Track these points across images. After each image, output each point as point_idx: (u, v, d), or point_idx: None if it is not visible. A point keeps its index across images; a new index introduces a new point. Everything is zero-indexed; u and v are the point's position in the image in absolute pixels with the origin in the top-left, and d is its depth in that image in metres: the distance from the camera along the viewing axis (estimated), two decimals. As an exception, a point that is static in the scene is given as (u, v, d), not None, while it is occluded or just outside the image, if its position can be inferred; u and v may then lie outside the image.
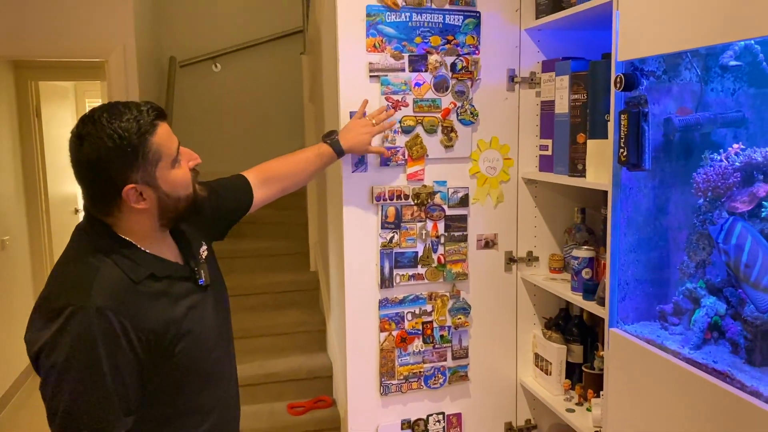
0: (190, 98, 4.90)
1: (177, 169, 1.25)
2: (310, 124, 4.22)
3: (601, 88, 1.69)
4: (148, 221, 1.25)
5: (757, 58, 1.43)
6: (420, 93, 1.93)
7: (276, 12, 4.92)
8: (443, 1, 1.92)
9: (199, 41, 4.88)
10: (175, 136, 1.26)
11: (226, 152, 5.01)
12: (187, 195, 1.27)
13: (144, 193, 1.21)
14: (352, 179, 1.90)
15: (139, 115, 1.18)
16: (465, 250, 2.00)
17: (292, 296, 3.85)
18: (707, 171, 1.35)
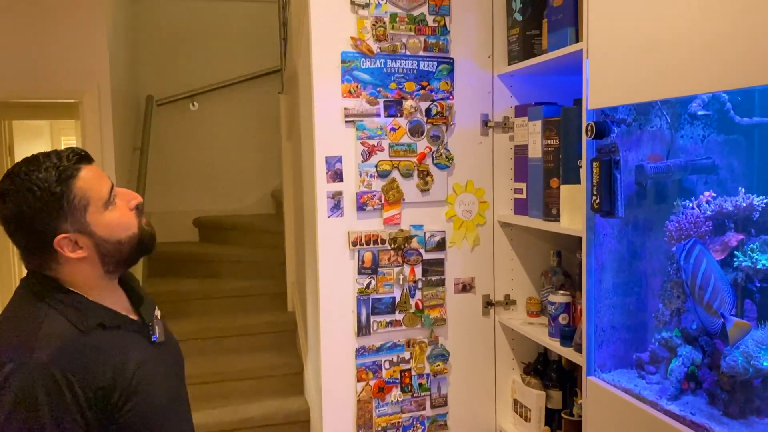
0: (167, 137, 4.87)
1: (112, 212, 1.18)
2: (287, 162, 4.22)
3: (573, 134, 1.71)
4: (91, 270, 1.19)
5: (724, 106, 1.46)
6: (395, 137, 1.93)
7: (254, 51, 4.94)
8: (417, 48, 1.94)
9: (177, 80, 4.88)
10: (106, 178, 1.20)
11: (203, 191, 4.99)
12: (129, 236, 1.20)
13: (79, 242, 1.15)
14: (327, 224, 1.88)
15: (58, 161, 1.14)
16: (443, 294, 1.98)
17: (269, 338, 3.78)
18: (679, 219, 1.36)
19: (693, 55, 1.17)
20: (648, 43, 1.29)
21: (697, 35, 1.16)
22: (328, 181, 1.88)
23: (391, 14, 1.90)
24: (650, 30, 1.29)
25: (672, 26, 1.22)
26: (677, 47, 1.21)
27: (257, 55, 4.92)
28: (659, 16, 1.26)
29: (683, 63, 1.20)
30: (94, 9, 3.49)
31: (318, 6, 1.85)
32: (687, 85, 1.21)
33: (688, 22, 1.18)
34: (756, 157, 1.51)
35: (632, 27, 1.34)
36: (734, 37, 1.07)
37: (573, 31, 1.71)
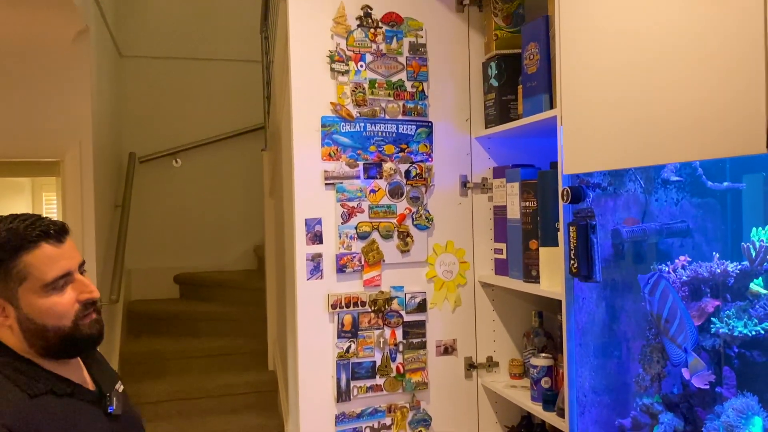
0: (149, 193, 4.87)
1: (49, 297, 1.14)
2: (270, 218, 4.22)
3: (550, 197, 1.73)
4: (19, 339, 1.15)
5: (696, 171, 1.49)
6: (375, 199, 1.95)
7: (237, 109, 5.01)
8: (396, 113, 1.97)
9: (160, 137, 4.91)
10: (65, 262, 1.16)
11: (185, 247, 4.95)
12: (57, 327, 1.15)
13: (6, 310, 1.14)
14: (307, 287, 1.87)
15: (20, 230, 1.13)
16: (424, 357, 1.96)
17: (250, 398, 3.71)
18: (656, 284, 1.37)
19: (665, 125, 1.20)
20: (621, 111, 1.33)
21: (669, 105, 1.19)
22: (308, 243, 1.88)
23: (370, 80, 1.94)
24: (623, 99, 1.32)
25: (644, 96, 1.26)
26: (650, 117, 1.24)
27: (241, 113, 4.98)
28: (631, 86, 1.29)
29: (655, 132, 1.23)
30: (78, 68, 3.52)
31: (299, 72, 1.89)
32: (659, 154, 1.24)
33: (661, 92, 1.21)
34: (729, 220, 1.54)
35: (604, 96, 1.38)
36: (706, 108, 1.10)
37: (547, 97, 1.76)
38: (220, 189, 5.02)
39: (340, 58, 1.92)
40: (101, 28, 4.08)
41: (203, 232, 4.97)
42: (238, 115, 4.98)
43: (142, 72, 4.95)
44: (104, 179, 4.08)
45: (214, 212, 5.01)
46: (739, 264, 1.30)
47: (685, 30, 1.15)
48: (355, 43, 1.93)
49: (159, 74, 4.98)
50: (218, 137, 4.96)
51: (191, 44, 4.99)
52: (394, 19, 1.97)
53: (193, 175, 4.98)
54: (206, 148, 4.97)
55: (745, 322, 1.20)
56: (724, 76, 1.06)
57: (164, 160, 4.90)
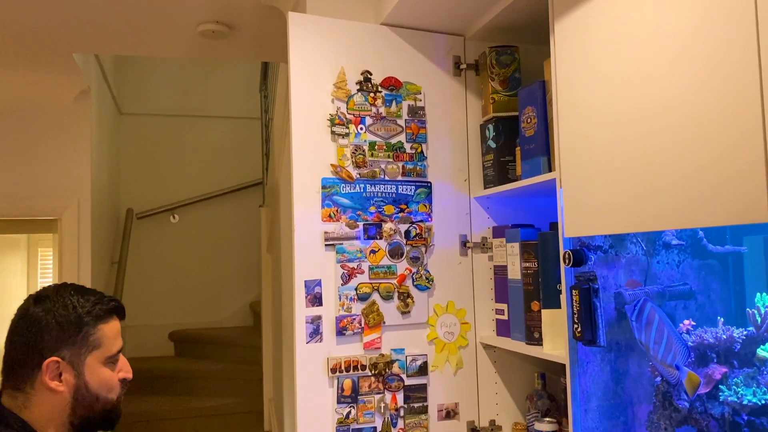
0: (146, 249, 4.86)
1: (108, 370, 1.22)
2: (267, 274, 4.20)
3: (550, 259, 1.73)
4: (59, 410, 1.18)
5: (697, 234, 1.50)
6: (375, 260, 1.94)
7: (236, 165, 5.05)
8: (396, 174, 1.99)
9: (158, 193, 4.94)
10: (122, 341, 1.26)
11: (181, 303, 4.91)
12: (107, 399, 1.22)
13: (64, 373, 1.17)
14: (306, 350, 1.84)
15: (100, 299, 1.21)
16: (426, 422, 1.92)
17: (245, 461, 3.61)
18: (661, 349, 1.35)
19: (666, 192, 1.21)
20: (621, 176, 1.34)
21: (669, 172, 1.20)
22: (307, 305, 1.87)
23: (370, 142, 1.97)
24: (623, 164, 1.33)
25: (644, 162, 1.27)
26: (650, 183, 1.25)
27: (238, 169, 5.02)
28: (631, 151, 1.30)
29: (656, 198, 1.23)
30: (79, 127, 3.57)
31: (300, 135, 1.91)
32: (660, 221, 1.24)
33: (661, 158, 1.22)
34: (731, 282, 1.54)
35: (604, 160, 1.39)
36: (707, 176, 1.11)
37: (545, 159, 1.78)
38: (217, 245, 5.02)
39: (341, 122, 1.95)
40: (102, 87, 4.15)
41: (199, 288, 4.94)
42: (235, 172, 5.02)
43: (141, 129, 5.01)
44: (101, 236, 4.08)
45: (211, 268, 4.99)
46: (745, 330, 1.29)
47: (686, 100, 1.17)
48: (355, 107, 1.97)
49: (158, 131, 5.04)
50: (216, 193, 4.99)
51: (190, 101, 5.07)
52: (393, 83, 2.01)
53: (190, 230, 4.98)
54: (204, 203, 4.99)
55: (754, 390, 1.18)
56: (725, 145, 1.08)
57: (162, 216, 4.91)
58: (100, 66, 4.02)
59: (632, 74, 1.31)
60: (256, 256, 4.59)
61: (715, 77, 1.10)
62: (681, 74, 1.18)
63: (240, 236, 4.98)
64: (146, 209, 4.85)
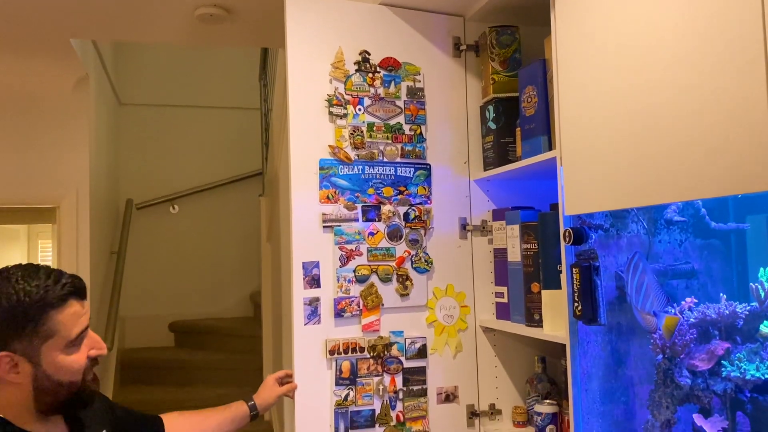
0: (145, 240, 4.84)
1: (69, 354, 1.15)
2: (267, 264, 4.19)
3: (551, 239, 1.71)
4: (21, 399, 1.13)
5: (699, 212, 1.47)
6: (374, 242, 1.92)
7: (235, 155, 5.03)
8: (394, 155, 1.97)
9: (158, 183, 4.92)
10: (85, 319, 1.18)
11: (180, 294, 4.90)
12: (71, 382, 1.16)
13: (19, 366, 1.11)
14: (304, 332, 1.83)
15: (52, 285, 1.12)
16: (425, 405, 1.90)
17: (245, 450, 3.59)
18: (663, 326, 1.33)
19: (668, 164, 1.19)
20: (622, 151, 1.32)
21: (672, 145, 1.18)
22: (305, 287, 1.85)
23: (369, 123, 1.94)
24: (623, 139, 1.31)
25: (645, 136, 1.25)
26: (652, 156, 1.23)
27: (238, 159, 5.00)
28: (632, 125, 1.29)
29: (658, 171, 1.22)
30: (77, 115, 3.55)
31: (297, 115, 1.89)
32: (662, 194, 1.22)
33: (663, 129, 1.20)
34: (734, 261, 1.52)
35: (605, 135, 1.37)
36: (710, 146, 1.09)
37: (546, 139, 1.75)
38: (217, 235, 5.00)
39: (339, 102, 1.92)
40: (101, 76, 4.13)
41: (199, 279, 4.93)
42: (235, 162, 5.00)
43: (141, 119, 4.99)
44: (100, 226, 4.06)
45: (211, 259, 4.97)
46: (748, 305, 1.27)
47: (688, 67, 1.15)
48: (353, 87, 1.94)
49: (157, 121, 5.02)
50: (216, 183, 4.97)
51: (190, 92, 5.05)
52: (392, 63, 1.99)
53: (190, 221, 4.97)
54: (204, 194, 4.97)
55: (757, 365, 1.16)
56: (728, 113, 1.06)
57: (161, 206, 4.90)
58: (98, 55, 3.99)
59: (632, 49, 1.29)
60: (255, 246, 4.57)
61: (717, 43, 1.07)
62: (682, 45, 1.15)
63: (240, 227, 4.96)
64: (146, 200, 4.83)
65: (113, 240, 4.50)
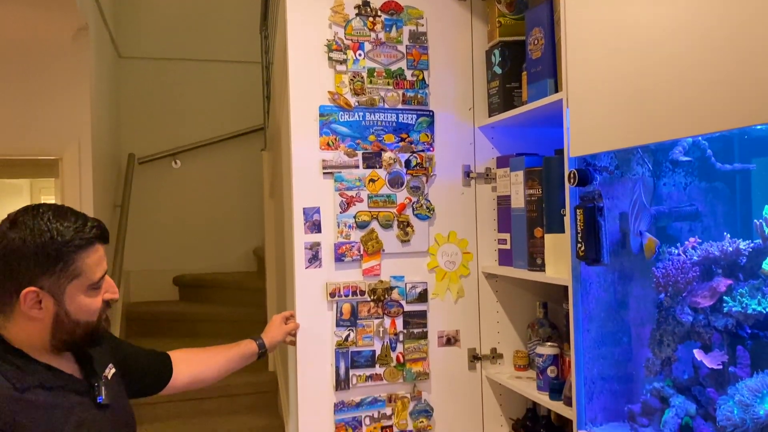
0: (148, 194, 4.84)
1: (89, 296, 1.18)
2: (270, 219, 4.19)
3: (555, 184, 1.70)
4: (39, 334, 1.16)
5: (705, 153, 1.45)
6: (374, 189, 1.91)
7: (238, 110, 4.98)
8: (396, 102, 1.94)
9: (160, 138, 4.89)
10: (105, 264, 1.21)
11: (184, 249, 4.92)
12: (87, 323, 1.19)
13: (43, 303, 1.13)
14: (305, 275, 1.84)
15: (81, 227, 1.15)
16: (425, 347, 1.92)
17: (250, 399, 3.66)
18: (666, 265, 1.33)
19: (673, 100, 1.17)
20: (628, 89, 1.30)
21: (676, 80, 1.16)
22: (306, 232, 1.85)
23: (369, 69, 1.91)
24: (629, 77, 1.29)
25: (651, 73, 1.23)
26: (657, 93, 1.21)
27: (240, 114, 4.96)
28: (638, 63, 1.27)
29: (663, 108, 1.20)
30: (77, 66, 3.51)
31: (297, 61, 1.86)
32: (668, 130, 1.21)
33: (667, 68, 1.18)
34: (738, 203, 1.51)
35: (611, 75, 1.35)
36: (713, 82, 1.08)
37: (552, 82, 1.72)
38: (220, 190, 4.99)
39: (338, 47, 1.89)
40: (100, 28, 4.06)
41: (203, 234, 4.94)
42: (237, 116, 4.96)
43: (141, 73, 4.93)
44: (103, 179, 4.06)
45: (214, 214, 4.97)
46: (752, 242, 1.26)
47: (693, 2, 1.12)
48: (353, 32, 1.91)
49: (158, 75, 4.96)
50: (218, 138, 4.94)
51: (190, 45, 4.98)
52: (394, 7, 1.95)
53: (192, 176, 4.95)
54: (206, 149, 4.95)
55: (759, 299, 1.16)
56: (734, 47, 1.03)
57: (163, 161, 4.88)
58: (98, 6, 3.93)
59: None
60: (258, 201, 4.56)
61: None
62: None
63: (242, 182, 4.95)
64: (148, 154, 4.81)
65: (116, 194, 4.50)
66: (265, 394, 3.67)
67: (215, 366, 1.68)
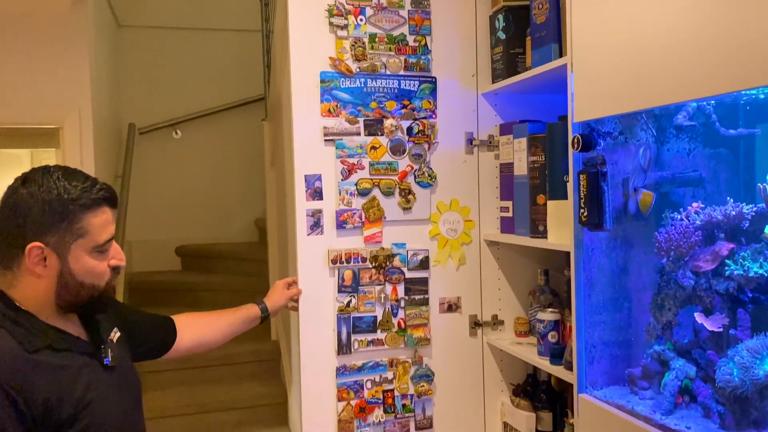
0: (149, 165, 4.82)
1: (95, 258, 1.19)
2: (271, 189, 4.18)
3: (558, 150, 1.69)
4: (44, 294, 1.17)
5: (710, 118, 1.44)
6: (376, 156, 1.90)
7: (238, 79, 4.94)
8: (398, 68, 1.92)
9: (160, 108, 4.85)
10: (112, 229, 1.22)
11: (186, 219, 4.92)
12: (92, 285, 1.20)
13: (48, 260, 1.14)
14: (307, 242, 1.84)
15: (89, 187, 1.17)
16: (427, 314, 1.93)
17: (252, 367, 3.70)
18: (669, 230, 1.33)
19: (678, 64, 1.16)
20: (632, 53, 1.28)
21: (681, 43, 1.15)
22: (308, 199, 1.85)
23: (370, 34, 1.89)
24: (634, 40, 1.28)
25: (656, 36, 1.22)
26: (662, 56, 1.20)
27: (241, 84, 4.92)
28: (643, 26, 1.25)
29: (668, 71, 1.19)
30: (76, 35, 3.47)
31: (297, 27, 1.84)
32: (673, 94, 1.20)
33: (672, 31, 1.17)
34: (741, 169, 1.50)
35: (616, 38, 1.33)
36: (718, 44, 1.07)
37: (556, 47, 1.70)
38: (221, 161, 4.98)
39: (339, 12, 1.86)
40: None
41: (204, 205, 4.93)
42: (238, 86, 4.92)
43: (141, 42, 4.88)
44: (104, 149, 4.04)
45: (215, 184, 4.97)
46: (755, 206, 1.26)
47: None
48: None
49: (158, 44, 4.91)
50: (218, 108, 4.91)
51: (190, 14, 4.92)
52: (396, -29, 1.92)
53: (193, 146, 4.93)
54: (206, 119, 4.92)
55: (761, 263, 1.16)
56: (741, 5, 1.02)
57: (164, 131, 4.85)
58: (95, -26, 3.87)
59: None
60: (260, 172, 4.55)
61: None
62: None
63: (243, 152, 4.92)
64: (148, 124, 4.78)
65: (117, 165, 4.48)
66: (268, 362, 3.70)
67: (219, 329, 1.70)
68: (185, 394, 3.45)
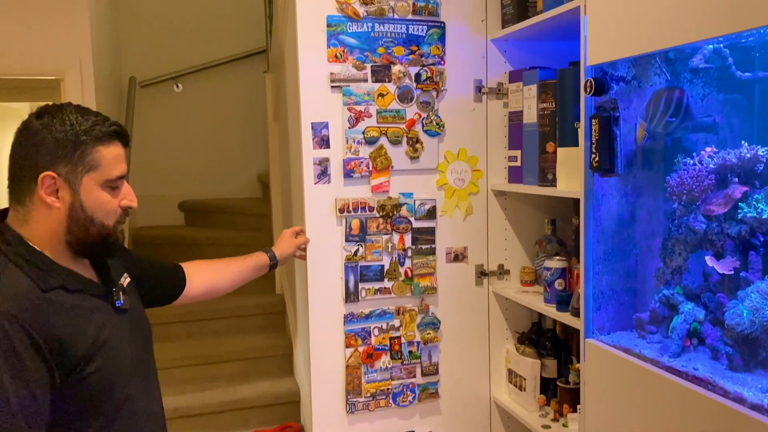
0: (151, 119, 4.77)
1: (106, 193, 1.18)
2: (274, 143, 4.14)
3: (569, 96, 1.66)
4: (56, 228, 1.17)
5: (726, 61, 1.41)
6: (383, 103, 1.87)
7: (239, 32, 4.85)
8: (406, 12, 1.88)
9: (160, 61, 4.77)
10: (125, 166, 1.21)
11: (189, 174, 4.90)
12: (102, 224, 1.19)
13: (60, 191, 1.15)
14: (314, 191, 1.83)
15: (101, 122, 1.17)
16: (433, 263, 1.93)
17: (258, 320, 3.72)
18: (681, 174, 1.31)
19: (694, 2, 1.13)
20: (648, -10, 1.24)
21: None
22: (315, 147, 1.83)
23: (379, -25, 1.84)
24: (651, -24, 1.24)
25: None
26: (679, -8, 1.16)
27: (243, 36, 4.83)
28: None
29: (683, 10, 1.16)
30: (75, -17, 3.39)
31: (303, -32, 1.79)
32: (689, 33, 1.17)
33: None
34: (756, 114, 1.47)
35: (631, -25, 1.29)
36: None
37: (569, -12, 1.66)
38: (223, 114, 4.92)
39: (347, -47, 1.81)
40: (96, -57, 3.91)
41: (207, 159, 4.90)
42: (240, 38, 4.83)
43: (141, -7, 4.77)
44: (106, 103, 3.99)
45: (218, 138, 4.92)
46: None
47: None
48: (361, -63, 1.82)
49: (158, -5, 4.80)
50: (220, 61, 4.82)
51: (191, -37, 4.80)
52: None
53: (195, 100, 4.86)
54: (208, 72, 4.84)
55: (776, 205, 1.14)
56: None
57: (165, 84, 4.78)
58: None
59: None
60: (262, 126, 4.50)
61: None
62: None
63: (246, 106, 4.86)
64: (149, 77, 4.71)
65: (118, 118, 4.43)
66: (273, 315, 3.73)
67: (228, 276, 1.70)
68: (193, 345, 3.48)
